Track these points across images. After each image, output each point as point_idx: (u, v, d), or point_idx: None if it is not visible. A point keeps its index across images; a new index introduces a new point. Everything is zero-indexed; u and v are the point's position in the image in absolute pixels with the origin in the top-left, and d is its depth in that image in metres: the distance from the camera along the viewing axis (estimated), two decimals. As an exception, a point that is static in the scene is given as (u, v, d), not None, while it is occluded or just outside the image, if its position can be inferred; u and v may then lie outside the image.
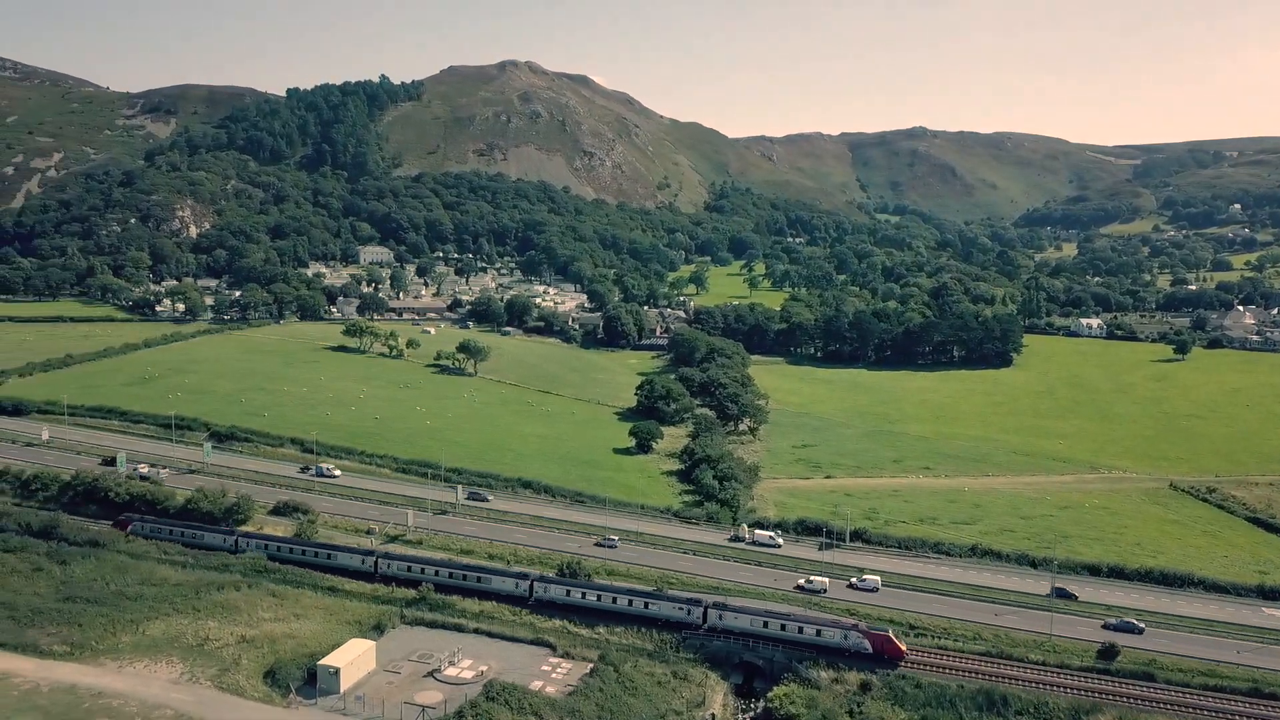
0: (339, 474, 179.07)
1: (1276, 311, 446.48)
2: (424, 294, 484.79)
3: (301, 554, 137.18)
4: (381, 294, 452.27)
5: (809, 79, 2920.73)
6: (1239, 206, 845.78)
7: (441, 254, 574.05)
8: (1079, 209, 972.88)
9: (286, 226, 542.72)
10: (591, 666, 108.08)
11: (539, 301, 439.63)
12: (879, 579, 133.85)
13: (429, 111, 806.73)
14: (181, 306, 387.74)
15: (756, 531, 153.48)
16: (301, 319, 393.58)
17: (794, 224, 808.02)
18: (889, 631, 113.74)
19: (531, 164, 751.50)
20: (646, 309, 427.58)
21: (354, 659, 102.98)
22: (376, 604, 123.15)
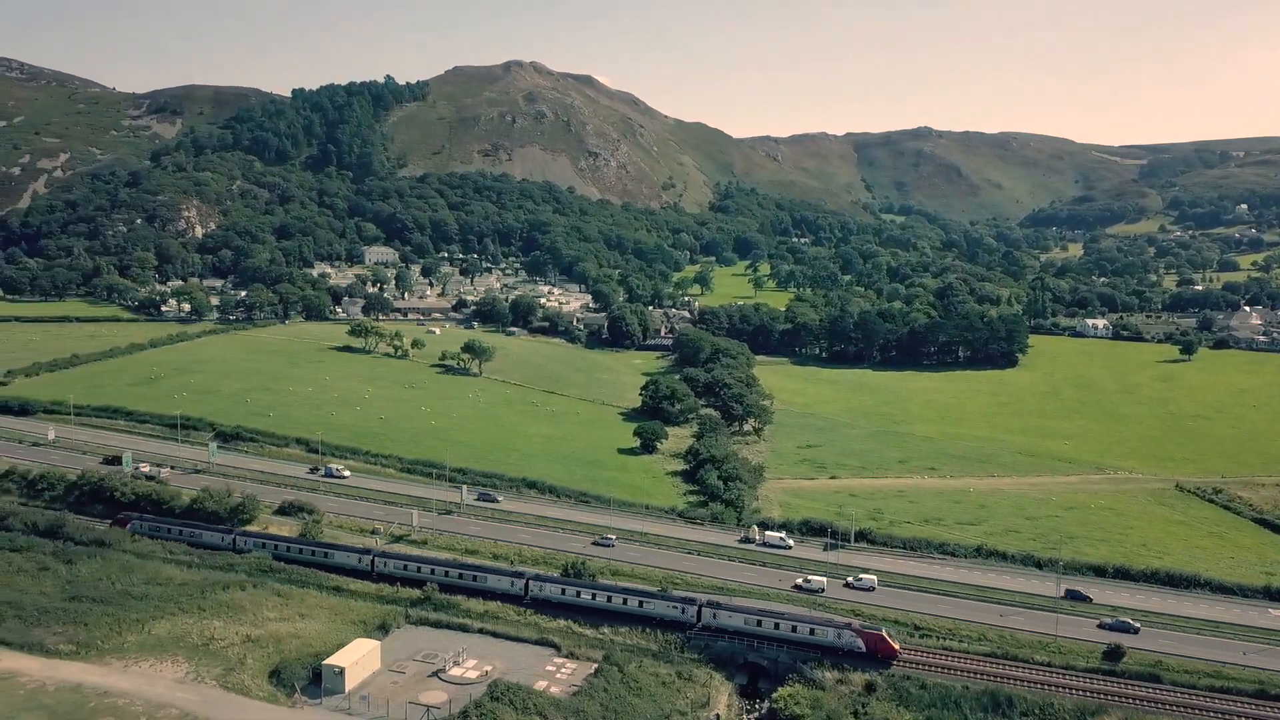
0: (349, 475, 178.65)
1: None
2: (429, 294, 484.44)
3: (299, 553, 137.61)
4: (386, 294, 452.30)
5: (814, 79, 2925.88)
6: (1245, 207, 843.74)
7: (446, 254, 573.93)
8: (1085, 209, 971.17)
9: (292, 227, 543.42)
10: (596, 667, 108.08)
11: (544, 302, 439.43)
12: (875, 578, 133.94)
13: (434, 112, 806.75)
14: (187, 307, 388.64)
15: (767, 533, 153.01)
16: (307, 319, 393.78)
17: (799, 224, 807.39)
18: (883, 630, 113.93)
19: (536, 164, 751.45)
20: (651, 309, 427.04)
21: (359, 659, 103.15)
22: (381, 604, 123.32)
